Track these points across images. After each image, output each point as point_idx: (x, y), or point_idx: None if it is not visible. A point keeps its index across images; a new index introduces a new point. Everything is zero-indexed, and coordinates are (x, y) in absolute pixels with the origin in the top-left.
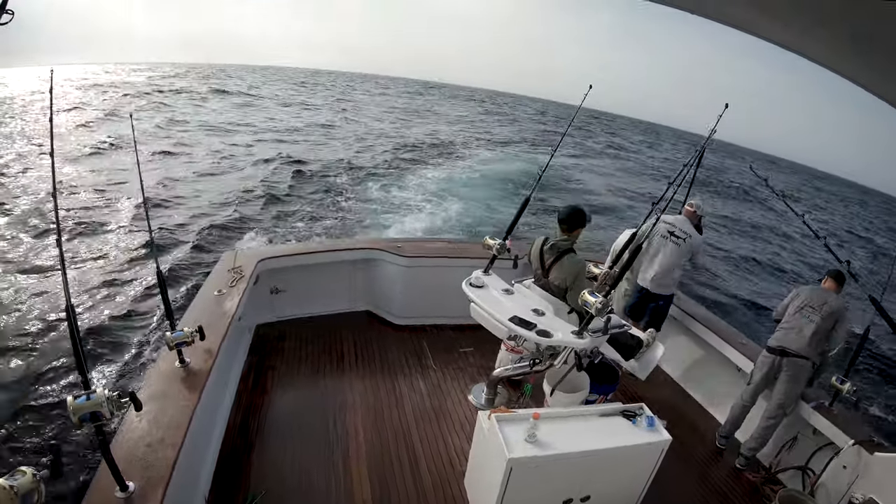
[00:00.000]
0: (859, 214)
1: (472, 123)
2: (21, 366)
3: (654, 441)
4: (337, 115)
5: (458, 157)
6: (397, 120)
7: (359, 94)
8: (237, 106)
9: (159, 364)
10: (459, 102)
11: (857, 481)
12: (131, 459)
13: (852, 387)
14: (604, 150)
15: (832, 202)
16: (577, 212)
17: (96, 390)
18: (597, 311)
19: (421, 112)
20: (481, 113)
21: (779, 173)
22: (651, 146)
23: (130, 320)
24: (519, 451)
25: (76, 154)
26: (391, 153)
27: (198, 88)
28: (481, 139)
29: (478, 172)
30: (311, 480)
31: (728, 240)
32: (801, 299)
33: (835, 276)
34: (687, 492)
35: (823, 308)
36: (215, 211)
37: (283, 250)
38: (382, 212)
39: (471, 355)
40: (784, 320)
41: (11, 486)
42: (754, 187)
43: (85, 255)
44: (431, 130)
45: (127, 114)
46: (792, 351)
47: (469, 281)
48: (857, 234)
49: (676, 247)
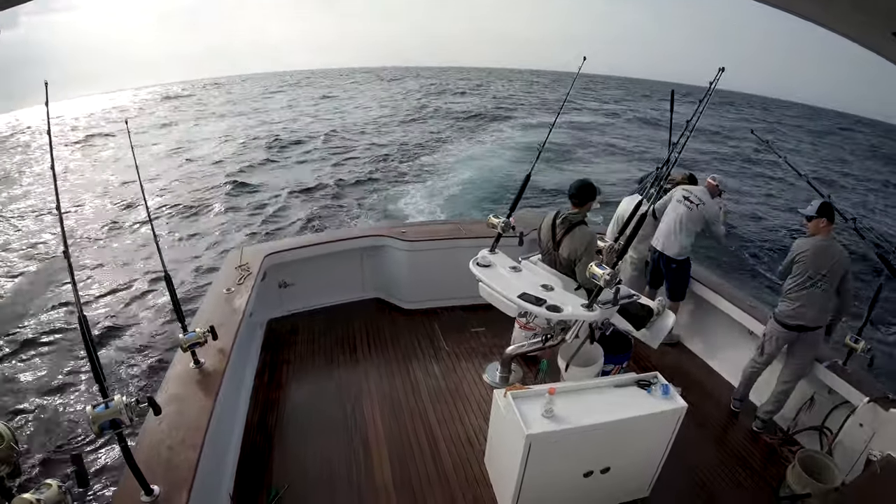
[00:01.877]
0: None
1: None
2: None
3: (670, 409)
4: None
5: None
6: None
7: (501, 87)
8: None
9: (174, 366)
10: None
11: (873, 438)
12: (154, 463)
13: (866, 345)
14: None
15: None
16: (586, 185)
17: (114, 398)
18: (605, 283)
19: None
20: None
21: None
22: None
23: (142, 325)
24: (537, 427)
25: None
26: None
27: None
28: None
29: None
30: (333, 470)
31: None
32: (807, 265)
33: (826, 213)
34: (705, 457)
35: (832, 270)
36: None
37: (288, 244)
38: None
39: (483, 335)
40: (795, 291)
41: (38, 500)
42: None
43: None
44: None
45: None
46: (810, 326)
47: (476, 260)
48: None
49: (688, 210)
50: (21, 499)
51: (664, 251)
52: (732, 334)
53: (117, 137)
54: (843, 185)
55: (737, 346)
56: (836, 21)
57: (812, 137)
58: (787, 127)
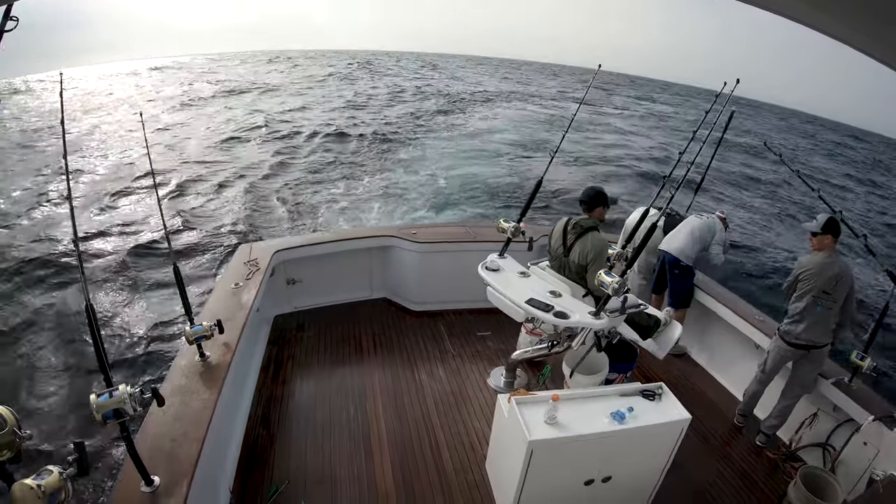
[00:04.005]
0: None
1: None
2: (45, 365)
3: (673, 420)
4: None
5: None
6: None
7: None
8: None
9: (180, 359)
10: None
11: (877, 457)
12: (156, 454)
13: (872, 363)
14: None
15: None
16: (595, 192)
17: (118, 387)
18: (613, 291)
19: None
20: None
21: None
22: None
23: (149, 316)
24: (539, 434)
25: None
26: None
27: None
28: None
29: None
30: (334, 469)
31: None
32: (813, 283)
33: (832, 229)
34: (707, 470)
35: (837, 289)
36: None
37: (297, 241)
38: None
39: (489, 339)
40: (801, 310)
41: (39, 486)
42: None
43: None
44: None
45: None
46: (818, 344)
47: (485, 265)
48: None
49: (699, 218)
50: (21, 484)
51: (669, 250)
52: (739, 347)
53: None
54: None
55: (744, 359)
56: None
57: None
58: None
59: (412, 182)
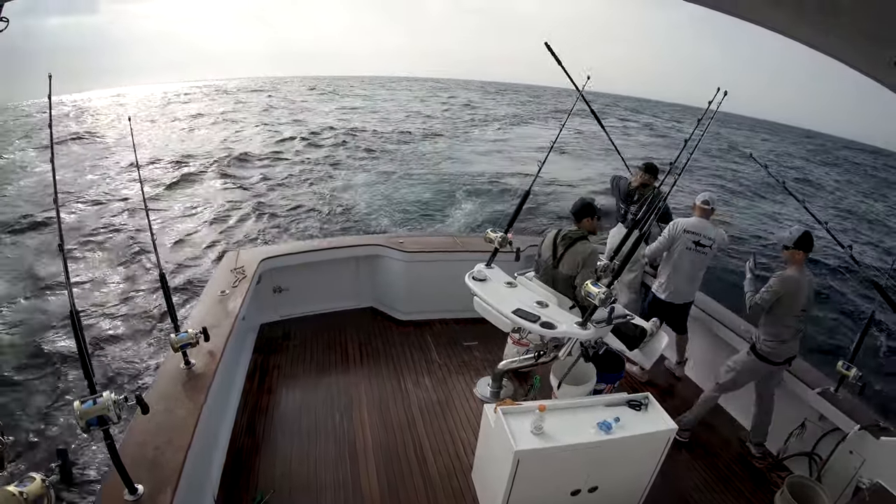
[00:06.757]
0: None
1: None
2: (28, 372)
3: (660, 430)
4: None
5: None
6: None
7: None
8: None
9: (165, 366)
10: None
11: (863, 466)
12: (140, 462)
13: (858, 372)
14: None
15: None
16: (583, 203)
17: (102, 394)
18: (600, 302)
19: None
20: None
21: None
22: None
23: (134, 323)
24: (525, 444)
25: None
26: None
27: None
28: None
29: None
30: (320, 477)
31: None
32: (797, 302)
33: (805, 245)
34: (694, 479)
35: (810, 304)
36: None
37: (284, 249)
38: None
39: (475, 349)
40: (786, 333)
41: (21, 492)
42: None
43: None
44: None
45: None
46: (797, 354)
47: (472, 275)
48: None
49: (703, 256)
50: (3, 490)
51: (674, 301)
52: (725, 355)
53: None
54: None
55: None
56: (836, 49)
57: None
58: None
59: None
